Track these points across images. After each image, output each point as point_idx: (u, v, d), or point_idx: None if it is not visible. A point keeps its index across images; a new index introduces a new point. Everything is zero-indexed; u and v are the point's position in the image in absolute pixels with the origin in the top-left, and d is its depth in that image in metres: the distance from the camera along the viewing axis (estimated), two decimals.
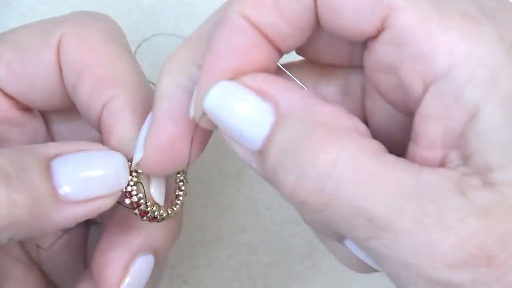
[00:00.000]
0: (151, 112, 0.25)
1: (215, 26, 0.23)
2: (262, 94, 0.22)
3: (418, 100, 0.21)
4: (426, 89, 0.21)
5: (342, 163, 0.20)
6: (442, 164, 0.21)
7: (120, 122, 0.26)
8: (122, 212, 0.28)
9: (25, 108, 0.29)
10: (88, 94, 0.27)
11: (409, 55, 0.21)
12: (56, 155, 0.25)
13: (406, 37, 0.21)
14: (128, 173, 0.26)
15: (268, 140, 0.22)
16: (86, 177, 0.25)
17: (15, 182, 0.23)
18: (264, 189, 0.38)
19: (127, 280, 0.27)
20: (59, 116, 0.31)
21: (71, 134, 0.31)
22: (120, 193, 0.26)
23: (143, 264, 0.28)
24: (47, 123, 0.31)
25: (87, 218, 0.26)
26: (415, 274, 0.20)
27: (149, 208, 0.27)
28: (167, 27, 0.41)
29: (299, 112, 0.21)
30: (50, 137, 0.31)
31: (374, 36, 0.22)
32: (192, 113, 0.23)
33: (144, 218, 0.27)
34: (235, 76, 0.22)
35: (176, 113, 0.24)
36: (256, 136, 0.22)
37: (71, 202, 0.25)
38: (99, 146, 0.26)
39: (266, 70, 0.23)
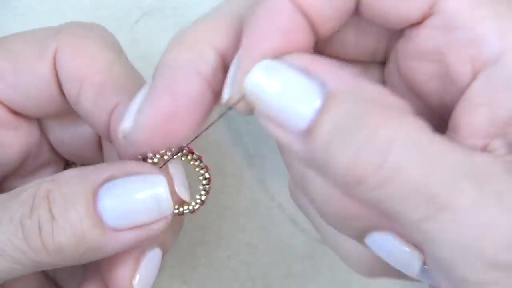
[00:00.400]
0: (146, 84, 0.25)
1: (247, 8, 0.22)
2: (309, 71, 0.21)
3: (464, 88, 0.21)
4: (475, 75, 0.21)
5: (401, 140, 0.19)
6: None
7: None
8: None
9: (19, 113, 0.29)
10: (91, 103, 0.27)
11: (460, 40, 0.21)
12: (105, 181, 0.25)
13: (457, 22, 0.21)
14: (170, 198, 0.26)
15: (319, 117, 0.21)
16: (130, 207, 0.25)
17: (60, 223, 0.24)
18: (264, 189, 0.38)
19: (137, 277, 0.27)
20: (52, 119, 0.31)
21: (65, 136, 0.31)
22: (168, 220, 0.26)
23: (152, 258, 0.28)
24: (40, 125, 0.31)
25: (140, 244, 0.26)
26: (473, 256, 0.19)
27: (176, 209, 0.27)
28: (167, 27, 0.41)
29: (351, 89, 0.21)
30: (44, 139, 0.31)
31: (419, 22, 0.22)
32: (227, 95, 0.23)
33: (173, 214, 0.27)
34: (277, 57, 0.22)
35: (179, 89, 0.23)
36: (306, 114, 0.21)
37: (119, 230, 0.25)
38: (146, 167, 0.26)
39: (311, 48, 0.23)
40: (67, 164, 0.33)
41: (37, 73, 0.28)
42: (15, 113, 0.29)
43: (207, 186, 0.28)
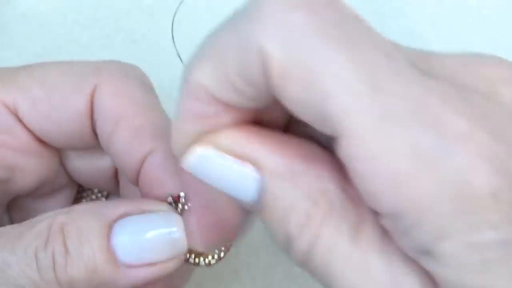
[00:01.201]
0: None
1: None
2: (241, 157, 0.21)
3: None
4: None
5: (321, 244, 0.20)
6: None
7: (168, 173, 0.27)
8: None
9: (43, 140, 0.29)
10: (125, 144, 0.27)
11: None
12: (120, 217, 0.25)
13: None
14: (184, 238, 0.26)
15: (260, 199, 0.21)
16: (144, 244, 0.25)
17: (74, 257, 0.24)
18: None
19: None
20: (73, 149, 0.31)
21: (83, 166, 0.31)
22: (181, 259, 0.26)
23: None
24: (60, 153, 0.31)
25: (154, 280, 0.26)
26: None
27: (192, 259, 0.27)
28: (167, 27, 0.41)
29: (284, 178, 0.21)
30: (63, 165, 0.31)
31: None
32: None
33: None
34: (212, 130, 0.21)
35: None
36: (247, 194, 0.21)
37: (132, 267, 0.25)
38: (162, 206, 0.26)
39: (242, 121, 0.22)
40: (81, 187, 0.33)
41: (72, 106, 0.28)
42: (40, 141, 0.29)
43: (228, 243, 0.28)
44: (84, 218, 0.25)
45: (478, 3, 0.42)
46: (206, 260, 0.28)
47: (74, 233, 0.25)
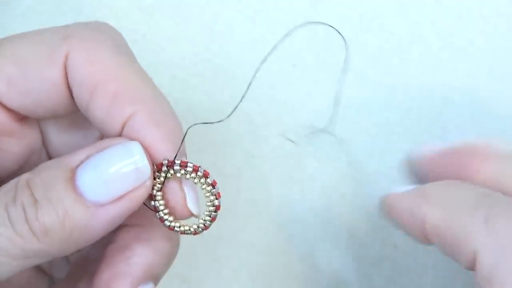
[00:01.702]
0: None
1: None
2: None
3: None
4: None
5: None
6: None
7: (148, 138, 0.27)
8: (124, 239, 0.29)
9: (23, 118, 0.29)
10: (104, 111, 0.27)
11: None
12: (82, 161, 0.25)
13: None
14: (147, 162, 0.26)
15: None
16: (108, 177, 0.25)
17: (42, 205, 0.24)
18: (264, 189, 0.38)
19: None
20: (53, 124, 0.31)
21: (65, 142, 0.31)
22: (147, 186, 0.26)
23: None
24: (41, 131, 0.31)
25: (126, 216, 0.26)
26: None
27: (165, 216, 0.27)
28: (167, 27, 0.41)
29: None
30: (44, 145, 0.31)
31: None
32: None
33: (164, 225, 0.27)
34: None
35: None
36: None
37: (102, 205, 0.25)
38: (119, 139, 0.26)
39: None
40: None
41: (47, 78, 0.27)
42: (19, 119, 0.29)
43: (214, 213, 0.28)
44: (47, 170, 0.25)
45: (478, 3, 0.42)
46: (192, 229, 0.28)
47: (40, 184, 0.25)
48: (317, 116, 0.40)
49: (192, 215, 0.28)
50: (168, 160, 0.27)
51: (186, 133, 0.26)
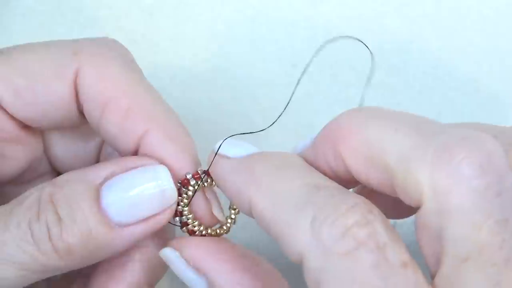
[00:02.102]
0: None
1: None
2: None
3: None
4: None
5: None
6: None
7: (166, 154, 0.27)
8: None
9: (28, 127, 0.29)
10: (117, 127, 0.27)
11: None
12: (106, 179, 0.25)
13: None
14: (173, 186, 0.26)
15: None
16: (134, 200, 0.25)
17: (67, 223, 0.24)
18: None
19: None
20: (56, 132, 0.31)
21: (67, 149, 0.31)
22: (173, 209, 0.26)
23: None
24: (44, 138, 0.31)
25: (147, 236, 0.26)
26: None
27: (196, 228, 0.28)
28: (167, 27, 0.41)
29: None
30: (46, 153, 0.31)
31: None
32: None
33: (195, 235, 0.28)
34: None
35: None
36: None
37: (125, 226, 0.25)
38: (145, 160, 0.27)
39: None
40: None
41: (55, 93, 0.27)
42: (24, 127, 0.29)
43: (236, 215, 0.29)
44: (71, 185, 0.25)
45: (478, 3, 0.42)
46: (215, 232, 0.29)
47: (64, 201, 0.25)
48: (317, 116, 0.40)
49: (218, 222, 0.28)
50: (193, 173, 0.27)
51: (221, 144, 0.27)
